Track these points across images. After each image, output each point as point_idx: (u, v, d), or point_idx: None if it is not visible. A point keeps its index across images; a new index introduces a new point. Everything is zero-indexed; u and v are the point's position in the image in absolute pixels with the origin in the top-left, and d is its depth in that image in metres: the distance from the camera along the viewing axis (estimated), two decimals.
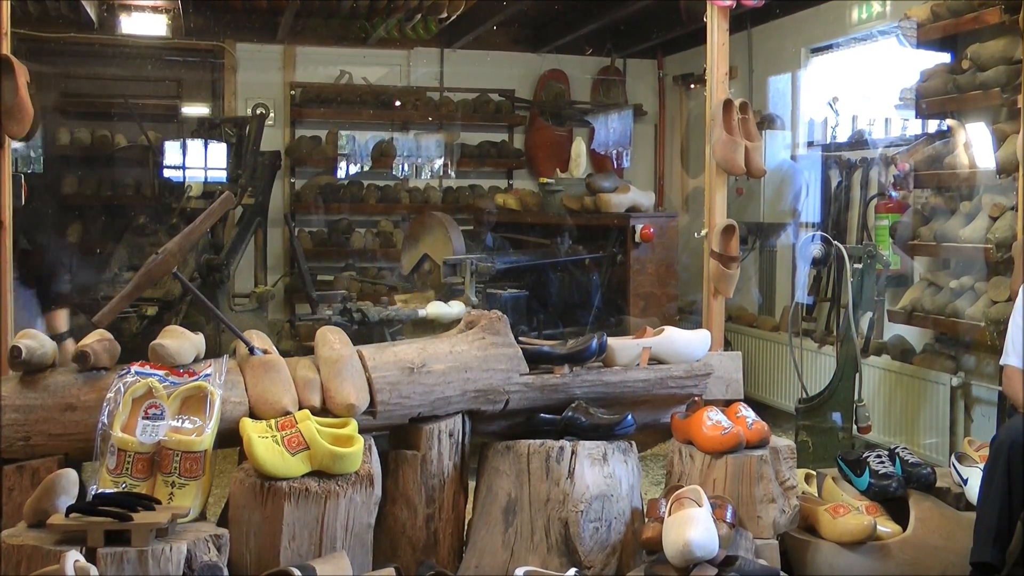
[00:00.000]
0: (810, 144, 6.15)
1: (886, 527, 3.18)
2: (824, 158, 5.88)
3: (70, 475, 2.57)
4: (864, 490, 3.34)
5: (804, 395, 4.56)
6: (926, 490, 3.33)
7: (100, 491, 2.57)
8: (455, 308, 4.66)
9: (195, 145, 6.62)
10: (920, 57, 4.95)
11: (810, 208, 5.87)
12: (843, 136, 5.94)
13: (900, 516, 3.23)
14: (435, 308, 4.64)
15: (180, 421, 2.69)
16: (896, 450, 3.44)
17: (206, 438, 2.65)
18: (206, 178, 6.57)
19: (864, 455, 3.41)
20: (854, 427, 4.33)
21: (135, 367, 2.80)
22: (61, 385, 2.79)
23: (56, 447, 2.73)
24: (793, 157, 6.13)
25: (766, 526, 3.06)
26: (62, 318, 3.63)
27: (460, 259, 4.92)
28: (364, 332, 4.47)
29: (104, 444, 2.64)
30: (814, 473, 3.59)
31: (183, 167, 6.63)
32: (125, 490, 2.58)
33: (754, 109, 5.22)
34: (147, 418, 2.67)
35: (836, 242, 4.61)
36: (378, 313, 4.53)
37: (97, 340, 2.89)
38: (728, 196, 4.01)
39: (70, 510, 2.43)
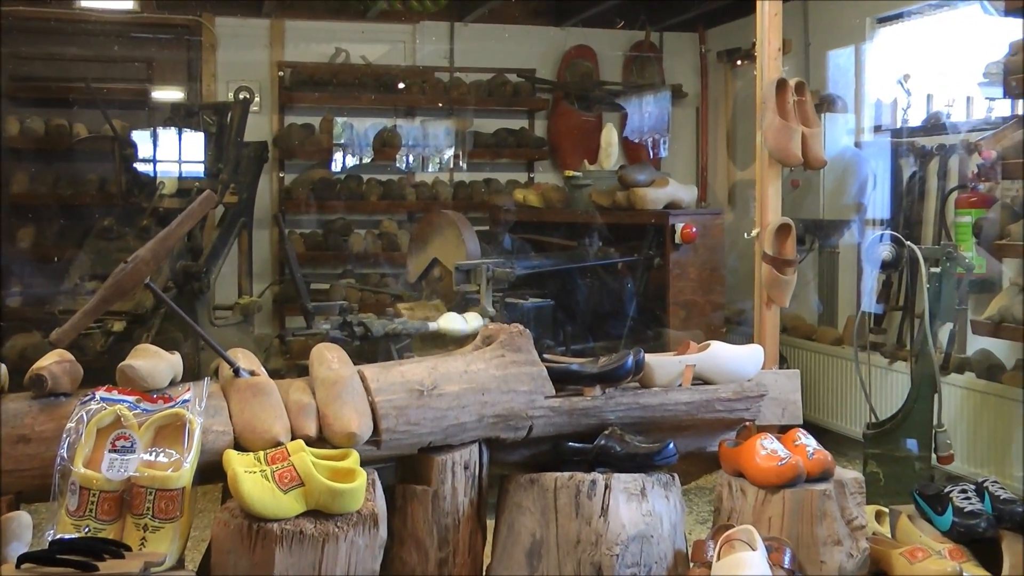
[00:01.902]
0: (877, 129, 6.12)
1: (974, 573, 3.14)
2: (894, 145, 5.85)
3: (23, 518, 2.57)
4: (947, 530, 3.30)
5: (873, 419, 4.53)
6: (1021, 530, 3.29)
7: (59, 536, 2.56)
8: (470, 320, 4.65)
9: (168, 135, 6.64)
10: (1008, 27, 4.91)
11: (878, 203, 5.83)
12: (916, 119, 5.91)
13: (990, 561, 3.20)
14: (447, 321, 4.64)
15: (154, 454, 2.69)
16: (984, 483, 3.41)
17: (184, 473, 2.65)
18: (181, 173, 6.59)
19: (946, 489, 3.37)
20: (933, 456, 4.30)
21: (100, 392, 2.80)
22: (12, 413, 2.77)
23: (7, 485, 2.72)
24: (857, 144, 6.10)
25: (830, 572, 3.03)
26: None
27: (474, 264, 4.92)
28: (366, 349, 4.47)
29: (64, 481, 2.63)
30: (886, 510, 3.56)
31: (154, 161, 6.65)
32: (89, 535, 2.57)
33: (812, 89, 5.21)
34: (115, 451, 2.67)
35: (909, 242, 4.58)
36: (382, 326, 4.53)
37: (56, 362, 2.87)
38: (782, 190, 3.99)
39: (23, 559, 2.41)
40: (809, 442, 3.24)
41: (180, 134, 6.62)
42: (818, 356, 6.08)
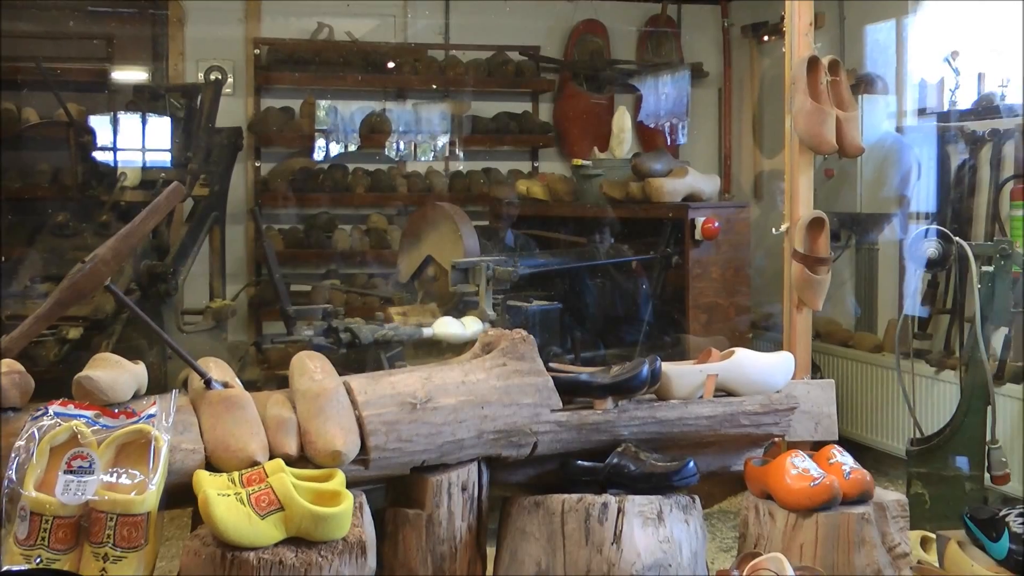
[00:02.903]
0: (922, 112, 6.11)
1: None
2: (941, 130, 5.84)
3: None
4: (1002, 559, 3.30)
5: (918, 434, 4.53)
6: None
7: (6, 568, 2.56)
8: (468, 325, 4.65)
9: (131, 121, 6.62)
10: None
11: (922, 194, 5.83)
12: (966, 101, 5.90)
13: None
14: (443, 326, 4.64)
15: (115, 475, 2.68)
16: None
17: (149, 497, 2.64)
18: (145, 163, 6.56)
19: (1001, 513, 3.37)
20: (986, 476, 4.29)
21: (54, 406, 2.79)
22: None
23: None
24: (899, 129, 6.10)
25: None
26: None
27: (473, 262, 4.91)
28: (353, 357, 4.47)
29: (12, 507, 2.62)
30: (933, 536, 3.56)
31: (115, 149, 6.62)
32: (40, 566, 2.56)
33: (847, 68, 5.21)
34: (71, 472, 2.66)
35: (957, 238, 4.57)
36: (371, 332, 4.53)
37: (4, 373, 2.87)
38: (815, 180, 3.99)
39: None
40: (845, 460, 3.24)
41: (144, 119, 6.59)
42: (855, 365, 6.07)
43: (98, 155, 6.60)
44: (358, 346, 4.50)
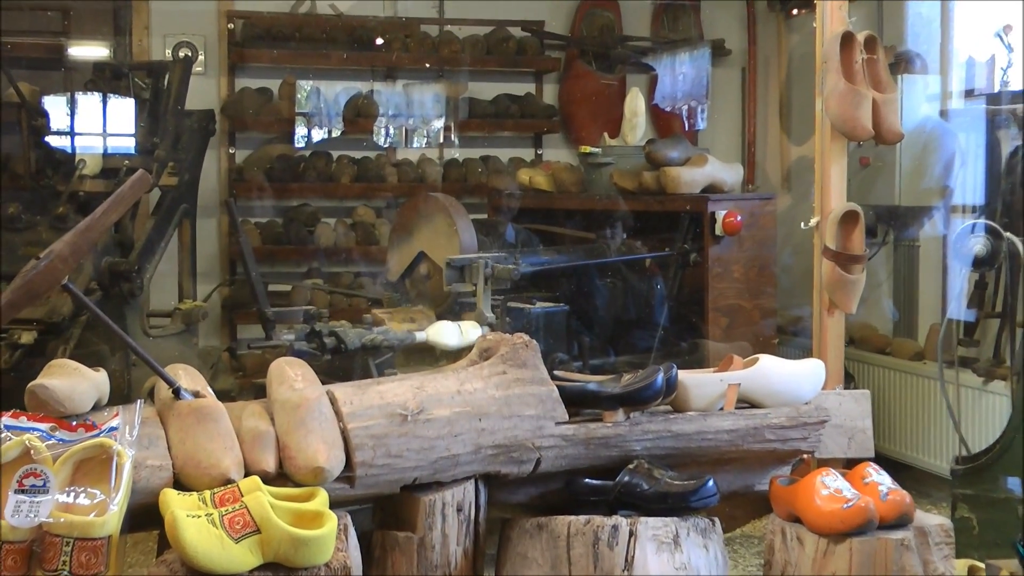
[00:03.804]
0: (969, 94, 6.09)
1: None
2: (990, 114, 5.83)
3: None
4: None
5: (964, 452, 4.52)
6: None
7: None
8: (465, 329, 4.65)
9: (90, 102, 6.61)
10: None
11: (969, 185, 5.82)
12: (1019, 81, 5.89)
13: None
14: (437, 330, 4.64)
15: (72, 495, 2.68)
16: None
17: (110, 519, 2.64)
18: (107, 149, 6.56)
19: None
20: None
21: (5, 419, 2.80)
22: None
23: None
24: (943, 113, 6.09)
25: None
26: None
27: (470, 259, 4.91)
28: (337, 364, 4.47)
29: None
30: (982, 565, 3.55)
31: (72, 133, 6.61)
32: None
33: (885, 45, 5.20)
34: (22, 491, 2.66)
35: (1008, 233, 4.57)
36: (358, 337, 4.53)
37: None
38: (849, 169, 3.99)
39: None
40: (882, 479, 3.24)
41: (105, 101, 6.58)
42: (893, 374, 6.06)
43: (53, 140, 6.57)
44: (343, 352, 4.49)
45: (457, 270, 4.90)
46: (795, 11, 7.52)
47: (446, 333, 4.62)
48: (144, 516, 2.75)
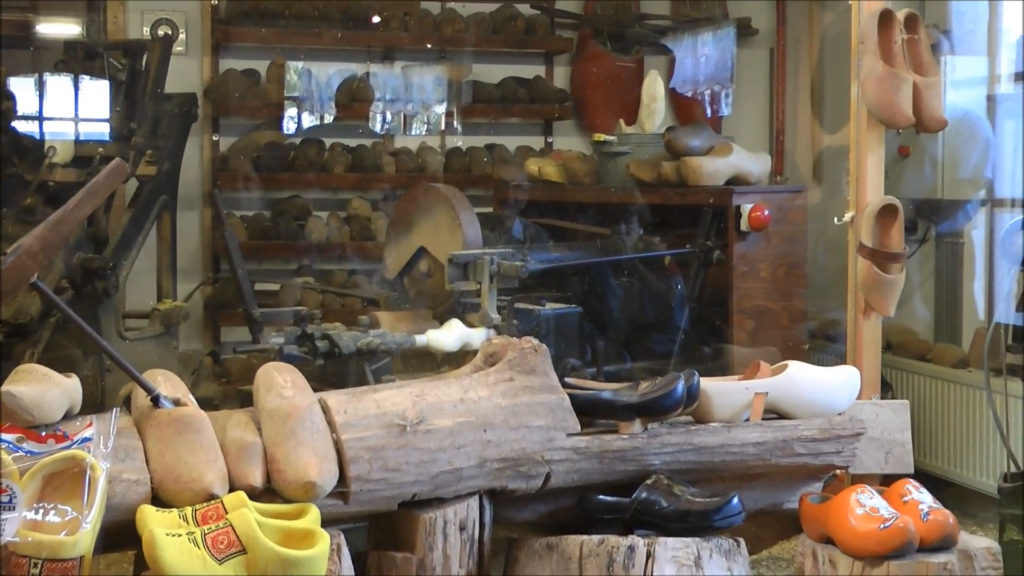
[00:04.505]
0: (1019, 77, 6.08)
1: None
2: None
3: None
4: None
5: (1012, 468, 4.51)
6: None
7: None
8: (469, 332, 4.65)
9: (61, 84, 6.61)
10: None
11: (1018, 177, 5.81)
12: None
13: None
14: (438, 332, 4.64)
15: (41, 511, 2.68)
16: None
17: (82, 538, 2.64)
18: (79, 135, 6.56)
19: None
20: None
21: None
22: None
23: None
24: (991, 98, 6.08)
25: None
26: None
27: (474, 255, 4.91)
28: (331, 370, 4.47)
29: None
30: None
31: (41, 118, 6.62)
32: None
33: (927, 24, 5.19)
34: None
35: None
36: (352, 340, 4.53)
37: None
38: (887, 160, 3.98)
39: None
40: (923, 498, 3.23)
41: (77, 83, 6.59)
42: (935, 383, 6.04)
43: (20, 125, 6.58)
44: (337, 356, 4.50)
45: (460, 267, 4.90)
46: None
47: (448, 336, 4.63)
48: (119, 535, 2.75)
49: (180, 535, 2.65)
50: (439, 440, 3.06)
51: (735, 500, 3.16)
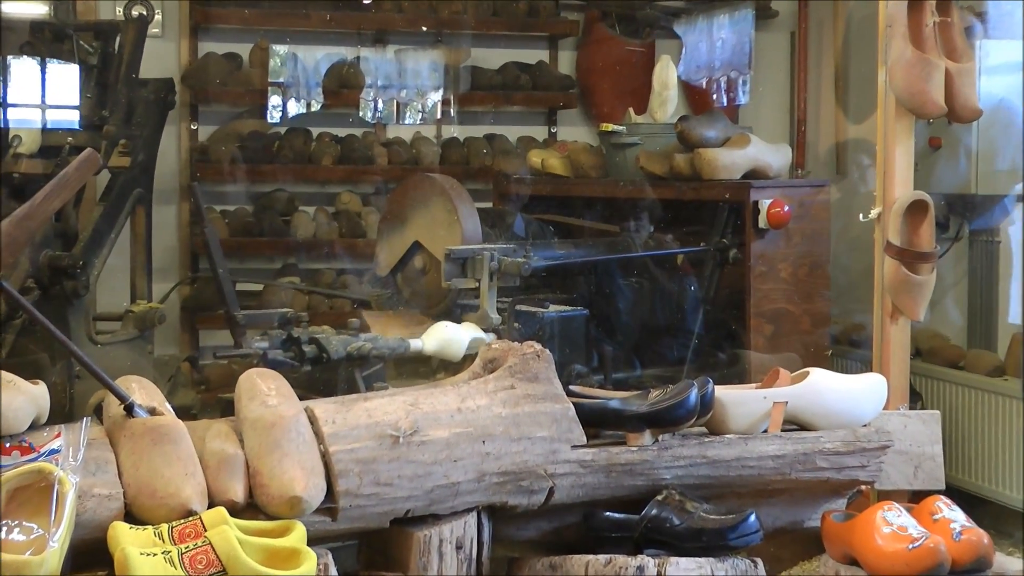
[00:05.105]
0: None
1: None
2: None
3: None
4: None
5: None
6: None
7: None
8: (467, 335, 4.65)
9: (26, 68, 6.61)
10: None
11: None
12: None
13: None
14: (434, 335, 4.64)
15: (5, 529, 2.68)
16: None
17: (50, 557, 2.63)
18: (46, 123, 6.57)
19: None
20: None
21: None
22: None
23: None
24: None
25: None
26: None
27: (473, 251, 4.91)
28: (318, 376, 4.48)
29: None
30: None
31: (5, 104, 6.62)
32: None
33: (960, 5, 5.19)
34: None
35: None
36: (342, 344, 4.53)
37: None
38: (917, 152, 3.98)
39: None
40: (955, 516, 3.23)
41: (44, 67, 6.59)
42: (968, 392, 6.04)
43: None
44: (325, 362, 4.50)
45: (458, 264, 4.90)
46: None
47: (445, 340, 4.62)
48: (90, 554, 2.74)
49: (155, 554, 2.65)
50: (435, 452, 3.06)
51: (752, 518, 3.16)
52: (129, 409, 2.97)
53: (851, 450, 3.46)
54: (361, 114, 7.53)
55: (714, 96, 7.79)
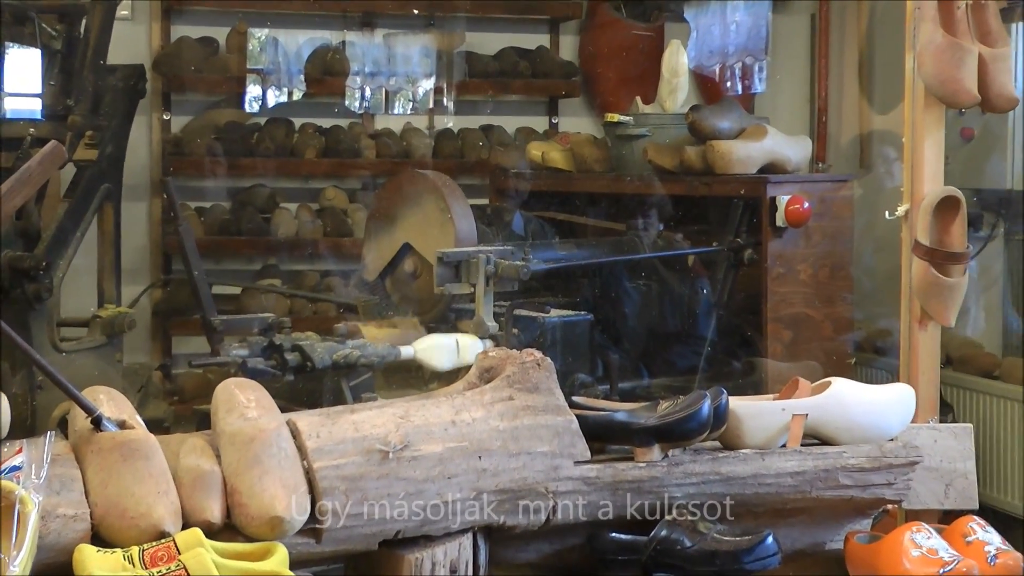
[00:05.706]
0: None
1: None
2: None
3: None
4: None
5: None
6: None
7: None
8: (462, 343, 4.65)
9: None
10: None
11: None
12: None
13: None
14: (427, 344, 4.64)
15: None
16: None
17: None
18: (5, 113, 6.58)
19: None
20: None
21: None
22: None
23: None
24: None
25: None
26: None
27: (468, 253, 4.91)
28: (301, 387, 4.48)
29: None
30: None
31: None
32: None
33: None
34: None
35: None
36: (327, 352, 4.54)
37: None
38: (948, 145, 3.98)
39: None
40: (989, 538, 3.24)
41: (2, 51, 6.60)
42: (1003, 403, 6.05)
43: None
44: (309, 371, 4.50)
45: (451, 267, 4.90)
46: None
47: (437, 347, 4.63)
48: None
49: None
50: (427, 469, 3.06)
51: (770, 539, 3.17)
52: (97, 422, 2.97)
53: (877, 466, 3.46)
54: (347, 103, 7.53)
55: (728, 84, 7.81)
